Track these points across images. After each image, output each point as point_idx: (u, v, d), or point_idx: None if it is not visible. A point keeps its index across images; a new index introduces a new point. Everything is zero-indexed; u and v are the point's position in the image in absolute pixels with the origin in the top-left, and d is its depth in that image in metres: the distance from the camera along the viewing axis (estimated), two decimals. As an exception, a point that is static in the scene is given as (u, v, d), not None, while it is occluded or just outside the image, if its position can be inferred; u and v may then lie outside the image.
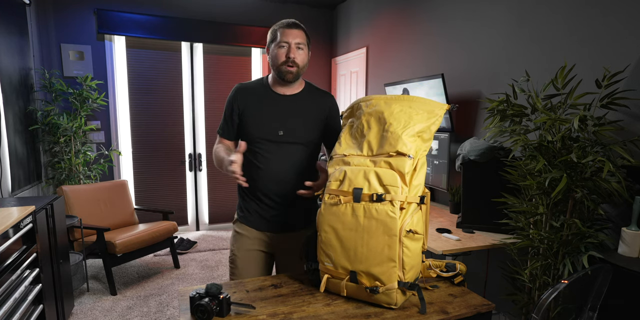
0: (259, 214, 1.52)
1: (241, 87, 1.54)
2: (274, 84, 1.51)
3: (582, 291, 1.36)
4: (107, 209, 3.20)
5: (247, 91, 1.52)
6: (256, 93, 1.51)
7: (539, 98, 1.58)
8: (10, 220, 1.58)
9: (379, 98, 1.23)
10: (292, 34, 1.42)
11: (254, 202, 1.52)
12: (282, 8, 4.35)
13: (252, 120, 1.48)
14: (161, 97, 4.07)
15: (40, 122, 3.29)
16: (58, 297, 2.16)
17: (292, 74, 1.44)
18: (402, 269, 1.06)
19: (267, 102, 1.49)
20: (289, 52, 1.41)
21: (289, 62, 1.41)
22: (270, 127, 1.46)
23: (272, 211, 1.51)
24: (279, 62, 1.43)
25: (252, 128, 1.48)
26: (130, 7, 3.81)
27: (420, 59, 3.09)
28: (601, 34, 1.79)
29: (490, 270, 2.26)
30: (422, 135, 1.13)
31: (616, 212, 1.62)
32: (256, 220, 1.53)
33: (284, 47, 1.42)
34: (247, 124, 1.49)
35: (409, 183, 1.08)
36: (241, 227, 1.56)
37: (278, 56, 1.42)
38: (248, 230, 1.54)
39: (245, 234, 1.54)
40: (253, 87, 1.53)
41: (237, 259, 1.54)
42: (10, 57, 2.79)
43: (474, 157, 1.98)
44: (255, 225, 1.53)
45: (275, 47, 1.43)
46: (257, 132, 1.47)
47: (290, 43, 1.42)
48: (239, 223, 1.58)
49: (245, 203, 1.55)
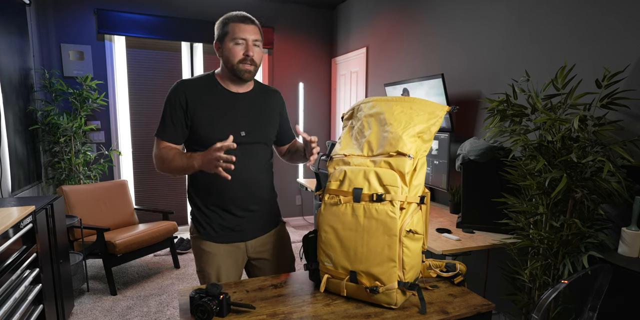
0: (225, 227, 1.40)
1: (186, 84, 1.37)
2: (226, 81, 1.40)
3: (582, 291, 1.36)
4: (107, 209, 3.20)
5: (195, 88, 1.36)
6: (205, 90, 1.37)
7: (539, 98, 1.58)
8: (10, 220, 1.58)
9: (380, 100, 1.23)
10: (249, 30, 1.33)
11: (216, 214, 1.40)
12: (282, 8, 4.35)
13: (207, 121, 1.34)
14: (161, 97, 4.06)
15: (40, 122, 3.29)
16: (58, 297, 2.16)
17: (250, 73, 1.36)
18: (402, 269, 1.06)
19: (222, 100, 1.38)
20: (247, 50, 1.32)
21: (247, 60, 1.33)
22: (231, 127, 1.35)
23: (239, 220, 1.41)
24: (236, 60, 1.33)
25: (208, 130, 1.34)
26: (130, 7, 3.81)
27: (420, 59, 3.09)
28: (601, 34, 1.79)
29: (490, 270, 2.26)
30: (423, 136, 1.13)
31: (616, 212, 1.62)
32: (223, 234, 1.41)
33: (241, 44, 1.32)
34: (201, 125, 1.34)
35: (409, 183, 1.08)
36: (205, 244, 1.41)
37: (235, 53, 1.32)
38: (216, 247, 1.41)
39: (212, 252, 1.40)
40: (200, 83, 1.39)
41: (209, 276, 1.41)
42: (10, 57, 2.79)
43: (474, 157, 1.97)
44: (222, 240, 1.41)
45: (230, 43, 1.33)
46: (215, 133, 1.33)
47: (248, 40, 1.32)
48: (200, 240, 1.42)
49: (205, 217, 1.41)
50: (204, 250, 1.42)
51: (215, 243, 1.41)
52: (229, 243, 1.42)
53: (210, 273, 1.41)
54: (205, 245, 1.42)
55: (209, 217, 1.41)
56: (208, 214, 1.41)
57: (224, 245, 1.42)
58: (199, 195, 1.42)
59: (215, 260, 1.41)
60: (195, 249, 1.45)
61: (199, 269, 1.44)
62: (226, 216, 1.40)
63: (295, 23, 4.44)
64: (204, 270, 1.42)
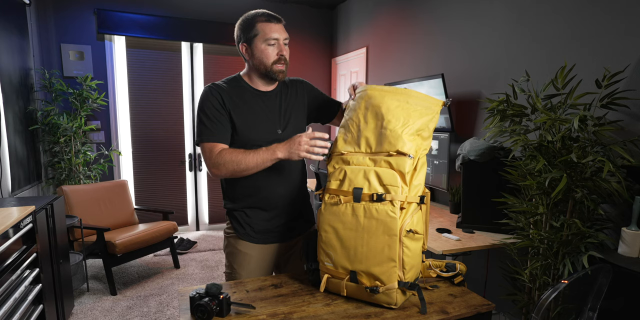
0: (265, 227, 1.40)
1: (218, 86, 1.36)
2: (254, 81, 1.40)
3: (582, 291, 1.36)
4: (107, 209, 3.20)
5: (228, 91, 1.36)
6: (238, 93, 1.37)
7: (539, 98, 1.58)
8: (10, 220, 1.58)
9: (374, 89, 1.19)
10: (279, 30, 1.32)
11: (257, 214, 1.40)
12: (282, 8, 4.35)
13: (245, 122, 1.35)
14: (161, 97, 4.07)
15: (40, 122, 3.29)
16: (58, 297, 2.16)
17: (284, 73, 1.36)
18: (402, 268, 1.06)
19: (254, 100, 1.38)
20: (280, 50, 1.31)
21: (281, 60, 1.32)
22: (267, 126, 1.37)
23: (280, 220, 1.41)
24: (271, 61, 1.32)
25: (247, 130, 1.35)
26: (130, 7, 3.81)
27: (420, 59, 3.09)
28: (601, 34, 1.79)
29: (490, 270, 2.26)
30: (422, 134, 1.12)
31: (616, 212, 1.62)
32: (263, 235, 1.40)
33: (274, 44, 1.31)
34: (240, 127, 1.34)
35: (409, 183, 1.08)
36: (241, 244, 1.41)
37: (268, 55, 1.31)
38: (252, 248, 1.40)
39: (248, 253, 1.40)
40: (232, 87, 1.38)
41: (239, 277, 1.41)
42: (10, 57, 2.79)
43: (474, 157, 1.97)
44: (261, 240, 1.41)
45: (263, 44, 1.30)
46: (253, 133, 1.35)
47: (280, 39, 1.31)
48: (237, 239, 1.42)
49: (245, 216, 1.40)
50: (239, 250, 1.41)
51: (251, 243, 1.41)
52: (266, 244, 1.42)
53: (241, 274, 1.40)
54: (240, 245, 1.41)
55: (249, 217, 1.40)
56: (249, 213, 1.40)
57: (260, 246, 1.42)
58: (239, 195, 1.41)
59: (250, 261, 1.41)
60: (230, 248, 1.44)
61: (230, 269, 1.44)
62: (268, 216, 1.40)
63: (295, 23, 4.44)
64: (234, 270, 1.42)
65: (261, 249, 1.42)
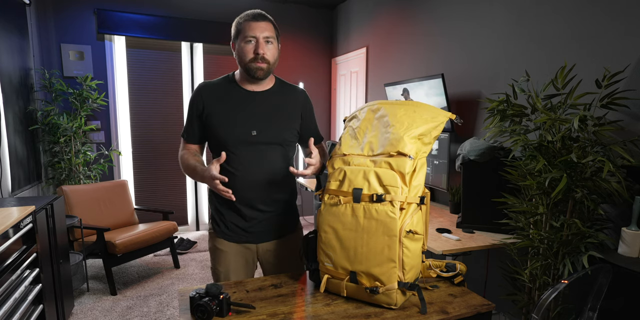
0: (237, 226, 1.41)
1: (205, 85, 1.41)
2: (242, 80, 1.39)
3: (582, 291, 1.36)
4: (107, 209, 3.20)
5: (212, 89, 1.39)
6: (222, 91, 1.38)
7: (539, 98, 1.58)
8: (10, 220, 1.58)
9: (384, 103, 1.23)
10: (259, 27, 1.30)
11: (229, 213, 1.41)
12: (282, 8, 4.35)
13: (219, 121, 1.36)
14: (161, 97, 4.07)
15: (40, 122, 3.29)
16: (58, 297, 2.16)
17: (263, 71, 1.33)
18: (402, 269, 1.06)
19: (235, 99, 1.37)
20: (257, 48, 1.30)
21: (258, 58, 1.30)
22: (242, 127, 1.35)
23: (252, 221, 1.41)
24: (247, 59, 1.31)
25: (221, 129, 1.35)
26: (130, 7, 3.81)
27: (420, 59, 3.09)
28: (601, 34, 1.79)
29: (490, 270, 2.26)
30: (423, 139, 1.13)
31: (616, 212, 1.62)
32: (235, 234, 1.42)
33: (251, 42, 1.30)
34: (214, 125, 1.36)
35: (409, 183, 1.08)
36: (219, 242, 1.43)
37: (245, 52, 1.31)
38: (228, 246, 1.42)
39: (224, 250, 1.43)
40: (218, 84, 1.40)
41: (219, 273, 1.44)
42: (10, 57, 2.79)
43: (474, 157, 1.97)
44: (234, 239, 1.42)
45: (242, 42, 1.31)
46: (227, 133, 1.35)
47: (258, 37, 1.30)
48: (215, 237, 1.45)
49: (220, 215, 1.43)
50: (217, 247, 1.44)
51: (227, 241, 1.43)
52: (240, 243, 1.43)
53: (221, 271, 1.43)
54: (218, 243, 1.44)
55: (223, 215, 1.43)
56: (223, 212, 1.43)
57: (235, 244, 1.43)
58: (215, 194, 1.44)
59: (226, 259, 1.43)
60: (210, 246, 1.48)
61: (212, 266, 1.48)
62: (237, 216, 1.41)
63: (295, 23, 4.44)
64: (215, 268, 1.45)
65: (237, 248, 1.43)
